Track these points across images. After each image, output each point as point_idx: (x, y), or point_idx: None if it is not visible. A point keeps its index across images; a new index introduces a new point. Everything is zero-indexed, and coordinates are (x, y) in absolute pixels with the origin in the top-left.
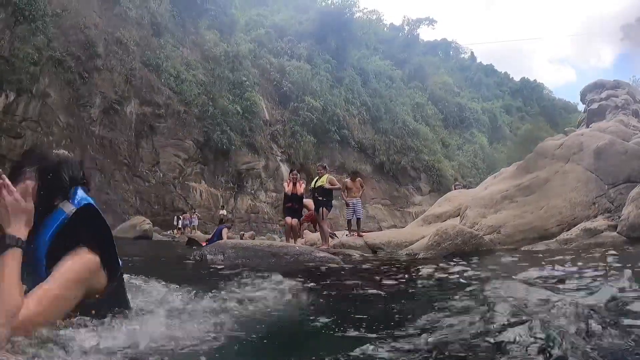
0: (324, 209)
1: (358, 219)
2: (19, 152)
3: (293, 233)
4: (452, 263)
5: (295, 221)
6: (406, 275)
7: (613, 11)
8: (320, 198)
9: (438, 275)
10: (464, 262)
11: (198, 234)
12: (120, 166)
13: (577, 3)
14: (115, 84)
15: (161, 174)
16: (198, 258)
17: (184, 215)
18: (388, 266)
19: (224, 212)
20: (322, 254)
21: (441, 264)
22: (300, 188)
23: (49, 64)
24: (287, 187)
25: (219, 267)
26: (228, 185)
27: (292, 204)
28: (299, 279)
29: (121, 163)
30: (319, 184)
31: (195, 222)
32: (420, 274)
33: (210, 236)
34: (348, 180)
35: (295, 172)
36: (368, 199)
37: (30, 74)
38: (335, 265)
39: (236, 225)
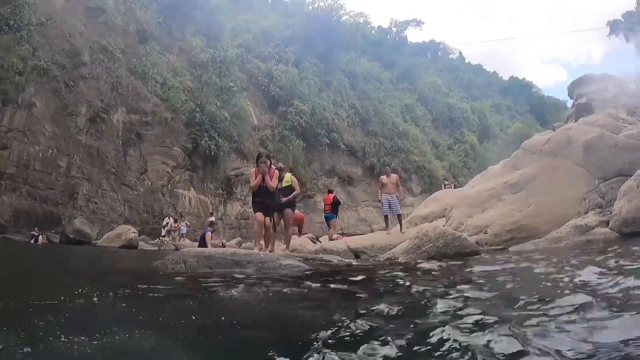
0: (289, 210)
1: (398, 215)
2: (5, 162)
3: (266, 235)
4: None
5: (268, 220)
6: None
7: (601, 8)
8: (284, 199)
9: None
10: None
11: (187, 242)
12: (107, 175)
13: (565, 1)
14: (101, 92)
15: (149, 182)
16: (158, 267)
17: (173, 219)
18: (348, 273)
19: (212, 218)
20: (288, 261)
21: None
22: (274, 180)
23: (35, 73)
24: (255, 180)
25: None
26: (217, 192)
27: (262, 199)
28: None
29: (109, 172)
30: (284, 184)
31: (184, 230)
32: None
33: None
34: (383, 176)
35: (264, 157)
36: (359, 202)
37: (15, 83)
38: (286, 274)
39: (226, 231)
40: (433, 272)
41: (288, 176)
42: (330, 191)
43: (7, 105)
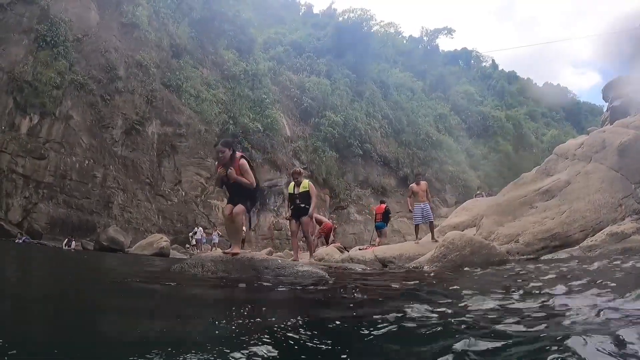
0: (307, 218)
1: (430, 223)
2: (43, 172)
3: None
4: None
5: (231, 207)
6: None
7: (635, 8)
8: (302, 205)
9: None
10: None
11: (218, 251)
12: (142, 185)
13: (597, 3)
14: (136, 105)
15: (183, 193)
16: (177, 270)
17: (201, 229)
18: (358, 282)
19: (244, 228)
20: (305, 268)
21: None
22: (237, 167)
23: (72, 87)
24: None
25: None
26: None
27: (231, 195)
28: None
29: (143, 182)
30: (302, 190)
31: (216, 240)
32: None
33: None
34: (413, 184)
35: (220, 146)
36: (393, 213)
37: (53, 97)
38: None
39: (259, 242)
40: None
41: (306, 182)
42: (382, 202)
43: (45, 117)
